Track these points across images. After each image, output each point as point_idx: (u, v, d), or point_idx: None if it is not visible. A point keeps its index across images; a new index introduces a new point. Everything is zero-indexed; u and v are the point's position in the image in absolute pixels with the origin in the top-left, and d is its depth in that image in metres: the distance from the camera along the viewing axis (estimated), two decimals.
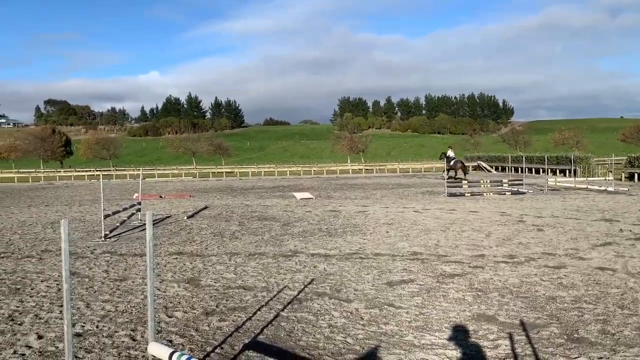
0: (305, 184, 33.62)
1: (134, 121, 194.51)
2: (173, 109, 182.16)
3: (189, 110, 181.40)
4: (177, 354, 3.09)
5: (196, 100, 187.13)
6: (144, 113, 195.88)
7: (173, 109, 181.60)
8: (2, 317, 5.71)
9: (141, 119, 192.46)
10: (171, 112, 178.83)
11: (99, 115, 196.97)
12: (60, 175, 51.93)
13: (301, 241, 10.48)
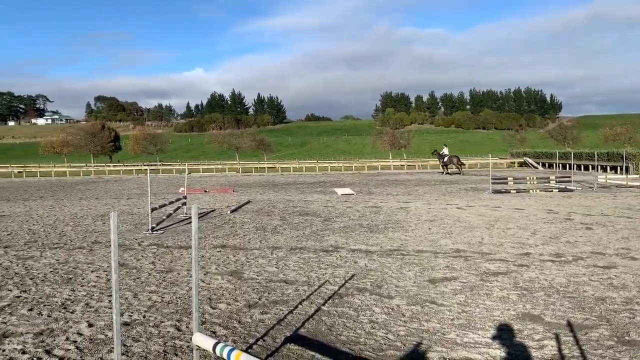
0: (346, 179, 33.59)
1: (180, 117, 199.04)
2: (217, 105, 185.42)
3: (232, 107, 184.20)
4: (221, 345, 3.16)
5: (239, 96, 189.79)
6: (189, 109, 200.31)
7: (217, 105, 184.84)
8: (56, 305, 5.96)
9: (187, 115, 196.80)
10: (215, 108, 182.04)
11: (146, 112, 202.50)
12: (109, 169, 53.75)
13: (342, 237, 10.49)
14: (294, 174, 46.38)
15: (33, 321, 5.38)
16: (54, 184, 34.18)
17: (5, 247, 9.74)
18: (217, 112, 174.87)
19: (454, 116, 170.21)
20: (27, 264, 8.22)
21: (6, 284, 6.97)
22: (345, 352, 4.46)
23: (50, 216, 14.76)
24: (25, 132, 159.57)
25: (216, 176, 43.84)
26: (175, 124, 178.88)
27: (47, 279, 7.24)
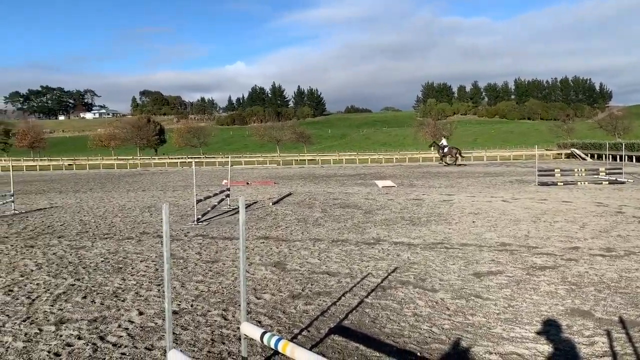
0: (386, 172, 33.39)
1: (222, 110, 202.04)
2: (258, 98, 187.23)
3: (273, 99, 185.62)
4: (268, 335, 3.22)
5: (280, 89, 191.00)
6: (231, 102, 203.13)
7: (258, 98, 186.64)
8: (108, 293, 6.20)
9: (228, 108, 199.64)
10: (256, 101, 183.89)
11: (189, 105, 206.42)
12: (155, 162, 55.18)
13: (384, 229, 10.45)
14: (334, 166, 46.43)
15: (87, 308, 5.61)
16: (102, 176, 35.38)
17: (59, 237, 10.17)
18: (258, 105, 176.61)
19: (498, 106, 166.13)
20: (79, 254, 8.56)
21: (61, 272, 7.28)
22: (390, 345, 4.47)
23: (100, 207, 15.31)
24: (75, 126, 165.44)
25: (257, 168, 44.38)
26: (217, 117, 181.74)
27: (98, 268, 7.53)
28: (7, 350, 4.45)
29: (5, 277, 7.01)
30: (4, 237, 10.27)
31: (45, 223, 12.17)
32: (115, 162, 54.54)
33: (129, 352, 4.39)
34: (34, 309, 5.61)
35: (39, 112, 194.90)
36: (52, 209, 15.27)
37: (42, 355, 4.34)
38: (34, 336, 4.79)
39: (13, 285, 6.61)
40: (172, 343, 3.37)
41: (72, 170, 49.77)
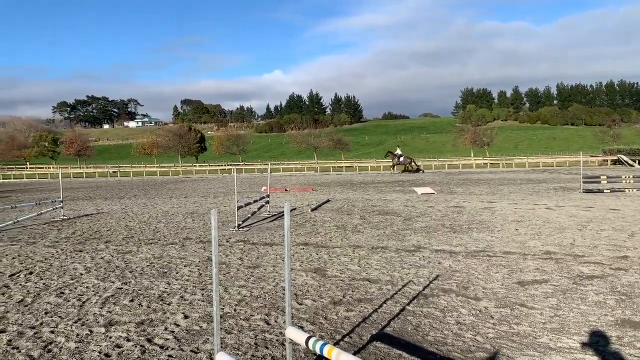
0: (425, 178, 33.05)
1: (260, 118, 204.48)
2: (295, 105, 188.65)
3: (310, 107, 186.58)
4: (313, 340, 3.25)
5: (317, 96, 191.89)
6: (269, 110, 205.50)
7: (295, 106, 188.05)
8: (154, 296, 6.37)
9: (266, 116, 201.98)
10: (294, 108, 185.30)
11: (228, 113, 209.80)
12: (196, 169, 56.28)
13: (424, 237, 10.36)
14: (371, 172, 46.29)
15: (134, 311, 5.77)
16: (145, 183, 36.33)
17: (106, 242, 10.51)
18: (296, 112, 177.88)
19: (540, 112, 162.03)
20: (126, 258, 8.82)
21: (109, 276, 7.52)
22: (433, 352, 4.43)
23: (144, 213, 15.73)
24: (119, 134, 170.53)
25: (295, 175, 44.67)
26: (255, 125, 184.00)
27: (144, 272, 7.74)
28: (61, 350, 4.63)
29: (56, 280, 7.29)
30: (54, 242, 10.68)
31: (92, 228, 12.59)
32: (157, 169, 55.91)
33: (176, 354, 4.50)
34: (84, 311, 5.82)
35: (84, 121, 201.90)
36: (98, 214, 15.79)
37: (94, 356, 4.49)
38: (85, 337, 4.97)
39: (64, 288, 6.87)
40: (219, 346, 3.45)
41: (116, 177, 51.31)
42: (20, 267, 8.21)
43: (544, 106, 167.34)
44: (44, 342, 4.83)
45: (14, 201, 21.99)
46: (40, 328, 5.24)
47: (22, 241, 10.87)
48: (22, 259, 8.95)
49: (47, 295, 6.52)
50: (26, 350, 4.64)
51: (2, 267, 8.29)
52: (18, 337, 5.00)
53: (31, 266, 8.29)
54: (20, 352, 4.60)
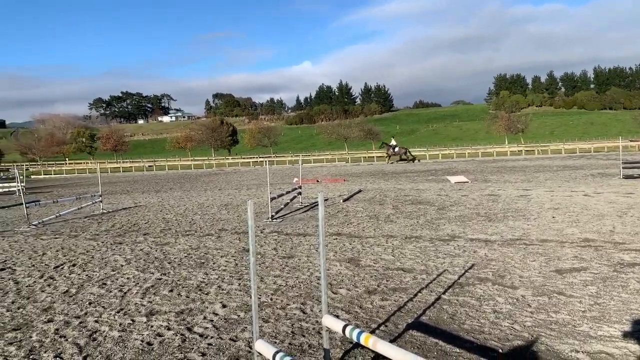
0: (458, 167, 32.64)
1: (290, 110, 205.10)
2: (325, 97, 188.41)
3: (340, 97, 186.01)
4: (350, 327, 3.29)
5: (346, 87, 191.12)
6: (298, 102, 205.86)
7: (325, 97, 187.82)
8: (192, 287, 6.52)
9: (296, 107, 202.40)
10: (324, 100, 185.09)
11: (259, 106, 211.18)
12: (228, 162, 56.94)
13: (459, 225, 10.26)
14: (403, 162, 45.95)
15: (174, 301, 5.93)
16: (180, 176, 36.99)
17: (144, 234, 10.78)
18: (325, 103, 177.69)
19: (576, 96, 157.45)
20: (164, 250, 9.04)
21: (148, 267, 7.73)
22: (470, 341, 4.41)
23: (180, 206, 16.04)
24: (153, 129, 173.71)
25: (326, 166, 44.74)
26: (286, 117, 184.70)
27: (182, 263, 7.92)
28: (105, 339, 4.80)
29: (98, 272, 7.54)
30: (95, 235, 11.02)
31: (131, 221, 12.92)
32: (192, 162, 56.83)
33: (215, 342, 4.61)
34: (126, 301, 6.00)
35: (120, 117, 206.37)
36: (136, 207, 16.18)
37: (136, 344, 4.64)
38: (128, 326, 5.13)
39: (106, 279, 7.10)
40: (258, 333, 3.52)
41: (152, 171, 52.37)
42: (64, 260, 8.51)
43: (580, 90, 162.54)
44: (89, 331, 5.02)
45: (55, 196, 22.73)
46: (85, 318, 5.44)
47: (65, 234, 11.25)
48: (65, 251, 9.27)
49: (90, 286, 6.75)
50: (73, 339, 4.82)
51: (47, 259, 8.62)
52: (65, 326, 5.20)
53: (74, 258, 8.58)
54: (67, 341, 4.78)
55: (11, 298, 6.31)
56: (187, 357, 4.30)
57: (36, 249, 9.58)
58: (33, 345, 4.72)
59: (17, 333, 5.04)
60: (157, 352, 4.44)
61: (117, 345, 4.63)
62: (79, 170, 56.83)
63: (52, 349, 4.61)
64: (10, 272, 7.74)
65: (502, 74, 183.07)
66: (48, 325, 5.23)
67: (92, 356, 4.41)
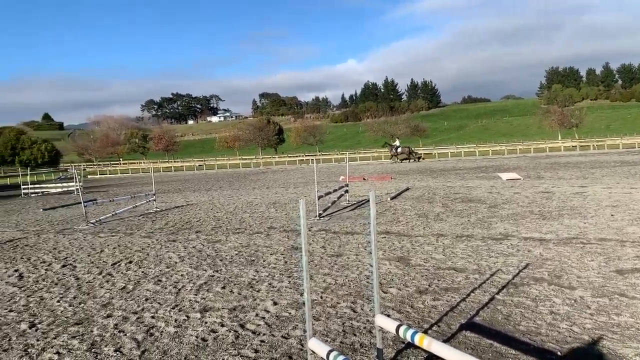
0: (510, 163, 31.79)
1: (335, 108, 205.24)
2: (371, 94, 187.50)
3: (385, 94, 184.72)
4: (404, 327, 3.26)
5: (392, 83, 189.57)
6: (344, 100, 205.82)
7: (371, 94, 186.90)
8: (244, 284, 6.63)
9: (341, 105, 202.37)
10: (369, 97, 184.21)
11: (305, 105, 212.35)
12: (275, 160, 57.56)
13: (511, 224, 9.99)
14: (452, 159, 45.20)
15: (226, 298, 6.05)
16: (229, 175, 37.68)
17: (196, 232, 11.05)
18: (371, 100, 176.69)
19: (634, 89, 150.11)
20: (216, 247, 9.24)
21: (201, 264, 7.92)
22: (526, 342, 4.29)
23: (230, 204, 16.34)
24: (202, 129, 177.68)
25: (372, 164, 44.51)
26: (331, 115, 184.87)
27: (233, 260, 8.07)
28: (162, 334, 4.95)
29: (154, 269, 7.78)
30: (149, 232, 11.38)
31: (183, 219, 13.27)
32: (240, 161, 57.78)
33: (267, 339, 4.67)
34: (180, 297, 6.17)
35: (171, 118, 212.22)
36: (188, 206, 16.60)
37: (191, 340, 4.76)
38: (183, 322, 5.27)
39: (161, 276, 7.32)
40: (311, 332, 3.54)
41: (202, 170, 53.58)
42: (121, 257, 8.83)
43: (638, 83, 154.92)
44: (146, 327, 5.18)
45: (111, 195, 23.62)
46: (142, 313, 5.62)
47: (121, 232, 11.67)
48: (121, 249, 9.62)
49: (146, 282, 6.97)
50: (131, 334, 4.99)
51: (105, 256, 8.96)
52: (123, 321, 5.40)
53: (130, 255, 8.89)
54: (125, 336, 4.96)
55: (73, 293, 6.59)
56: (240, 354, 4.38)
57: (94, 247, 9.99)
58: (94, 339, 4.91)
59: (79, 327, 5.27)
60: (212, 348, 4.54)
61: (173, 341, 4.77)
62: (133, 170, 58.80)
63: (112, 343, 4.79)
64: (71, 269, 8.09)
65: (554, 67, 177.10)
66: (107, 320, 5.43)
67: (149, 351, 4.55)
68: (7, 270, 8.19)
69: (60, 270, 7.99)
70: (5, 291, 6.89)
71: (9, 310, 5.98)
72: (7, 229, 13.32)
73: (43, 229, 13.03)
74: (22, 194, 26.89)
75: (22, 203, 22.37)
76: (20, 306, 6.13)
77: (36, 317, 5.67)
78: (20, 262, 8.86)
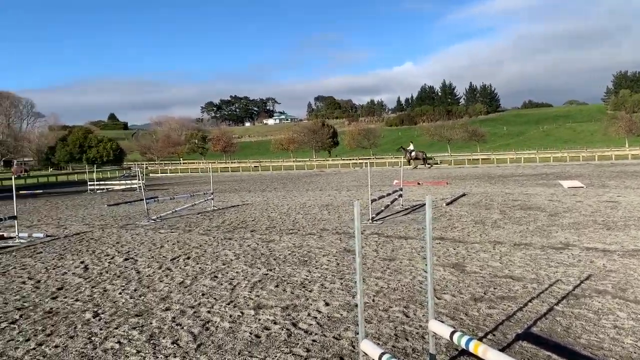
0: (572, 171, 30.53)
1: (390, 111, 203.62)
2: (427, 97, 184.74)
3: (442, 98, 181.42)
4: (458, 334, 3.21)
5: (450, 87, 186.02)
6: (399, 103, 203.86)
7: (427, 98, 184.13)
8: (296, 283, 6.71)
9: (397, 109, 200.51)
10: (425, 100, 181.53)
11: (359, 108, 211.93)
12: (329, 163, 57.81)
13: (573, 233, 9.61)
14: (511, 165, 43.90)
15: (280, 296, 6.14)
16: (283, 177, 38.17)
17: (251, 231, 11.27)
18: (427, 104, 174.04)
19: None
20: (269, 246, 9.39)
21: (255, 262, 8.07)
22: (588, 357, 4.12)
23: (284, 205, 16.56)
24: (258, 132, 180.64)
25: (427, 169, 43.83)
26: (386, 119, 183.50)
27: (287, 260, 8.18)
28: (217, 329, 5.09)
29: (210, 265, 8.00)
30: (207, 230, 11.70)
31: (239, 218, 13.57)
32: (294, 163, 58.36)
33: (319, 339, 4.71)
34: (235, 294, 6.32)
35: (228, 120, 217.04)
36: (243, 206, 16.95)
37: (245, 336, 4.87)
38: (237, 318, 5.40)
39: (217, 272, 7.52)
40: (364, 334, 3.55)
41: (257, 171, 54.54)
42: (180, 252, 9.13)
43: None
44: (203, 321, 5.34)
45: (171, 193, 24.45)
46: (199, 308, 5.80)
47: (180, 229, 12.06)
48: (180, 245, 9.95)
49: (203, 278, 7.19)
50: (188, 327, 5.16)
51: (164, 251, 9.30)
52: (180, 315, 5.59)
53: (188, 251, 9.18)
54: (183, 329, 5.13)
55: (134, 286, 6.89)
56: (292, 352, 4.44)
57: (155, 242, 10.38)
58: (153, 331, 5.12)
59: (139, 319, 5.49)
60: (265, 345, 4.63)
61: (228, 336, 4.89)
62: (192, 170, 60.58)
63: (170, 335, 4.97)
64: (133, 262, 8.45)
65: (622, 72, 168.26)
66: (166, 313, 5.64)
67: (205, 345, 4.69)
68: (74, 262, 8.65)
69: (123, 264, 8.36)
70: (72, 282, 7.28)
71: (75, 300, 6.31)
72: (75, 223, 14.05)
73: (107, 223, 13.66)
74: (89, 190, 28.29)
75: (88, 198, 23.54)
76: (85, 296, 6.46)
77: (99, 307, 5.96)
78: (85, 254, 9.34)
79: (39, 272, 8.00)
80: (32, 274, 7.83)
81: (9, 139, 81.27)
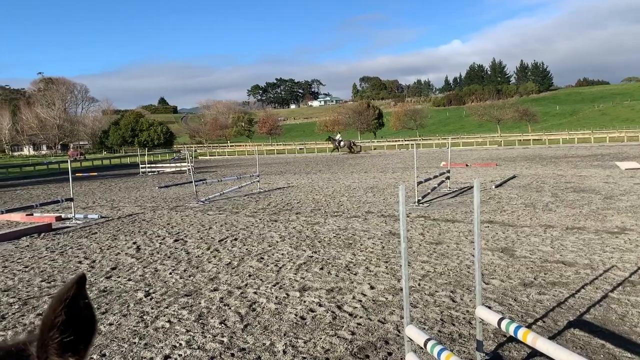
0: (630, 152, 29.14)
1: (438, 91, 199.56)
2: (476, 76, 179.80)
3: (492, 77, 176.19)
4: (506, 321, 3.13)
5: (500, 65, 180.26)
6: (447, 83, 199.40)
7: (476, 77, 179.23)
8: (341, 266, 6.73)
9: (444, 88, 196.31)
10: (474, 79, 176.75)
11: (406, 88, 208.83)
12: (374, 145, 57.37)
13: (630, 217, 9.19)
14: (563, 146, 42.34)
15: (324, 279, 6.18)
16: (328, 159, 38.19)
17: (297, 213, 11.36)
18: (476, 83, 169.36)
19: None
20: (314, 229, 9.44)
21: (300, 244, 8.14)
22: None
23: (329, 187, 16.59)
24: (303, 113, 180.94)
25: (476, 150, 42.88)
26: (433, 99, 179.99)
27: (331, 242, 8.21)
28: (263, 310, 5.17)
29: (257, 247, 8.13)
30: (253, 212, 11.88)
31: (284, 200, 13.69)
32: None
33: (364, 323, 4.71)
34: (281, 275, 6.40)
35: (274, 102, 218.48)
36: (289, 188, 17.09)
37: (291, 317, 4.93)
38: (283, 300, 5.47)
39: (263, 254, 7.63)
40: (409, 318, 3.52)
41: (302, 153, 54.79)
42: (227, 234, 9.31)
43: None
44: (249, 302, 5.44)
45: (219, 175, 24.92)
46: (245, 289, 5.91)
47: (227, 211, 12.29)
48: (227, 226, 10.14)
49: (249, 259, 7.31)
50: (235, 308, 5.27)
51: (213, 233, 9.50)
52: (228, 295, 5.71)
53: (235, 233, 9.35)
54: (230, 309, 5.24)
55: (183, 267, 7.08)
56: (337, 335, 4.46)
57: (203, 223, 10.62)
58: (202, 310, 5.25)
59: (188, 299, 5.65)
60: (310, 327, 4.67)
61: (274, 317, 4.96)
62: (239, 152, 61.48)
63: (218, 315, 5.09)
64: (183, 243, 8.68)
65: None
66: (214, 294, 5.77)
67: (251, 325, 4.78)
68: (127, 243, 8.97)
69: (173, 245, 8.61)
70: (125, 262, 7.56)
71: (128, 279, 6.55)
72: (127, 205, 14.55)
73: (158, 205, 14.07)
74: (140, 172, 29.20)
75: (140, 181, 24.31)
76: (138, 276, 6.69)
77: (151, 287, 6.17)
78: (137, 235, 9.66)
79: (94, 252, 8.34)
80: (88, 254, 8.18)
81: (66, 124, 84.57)
